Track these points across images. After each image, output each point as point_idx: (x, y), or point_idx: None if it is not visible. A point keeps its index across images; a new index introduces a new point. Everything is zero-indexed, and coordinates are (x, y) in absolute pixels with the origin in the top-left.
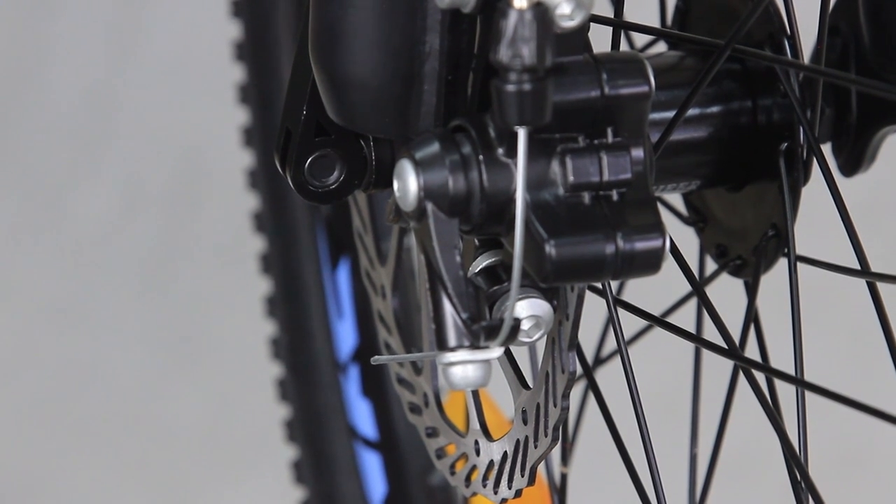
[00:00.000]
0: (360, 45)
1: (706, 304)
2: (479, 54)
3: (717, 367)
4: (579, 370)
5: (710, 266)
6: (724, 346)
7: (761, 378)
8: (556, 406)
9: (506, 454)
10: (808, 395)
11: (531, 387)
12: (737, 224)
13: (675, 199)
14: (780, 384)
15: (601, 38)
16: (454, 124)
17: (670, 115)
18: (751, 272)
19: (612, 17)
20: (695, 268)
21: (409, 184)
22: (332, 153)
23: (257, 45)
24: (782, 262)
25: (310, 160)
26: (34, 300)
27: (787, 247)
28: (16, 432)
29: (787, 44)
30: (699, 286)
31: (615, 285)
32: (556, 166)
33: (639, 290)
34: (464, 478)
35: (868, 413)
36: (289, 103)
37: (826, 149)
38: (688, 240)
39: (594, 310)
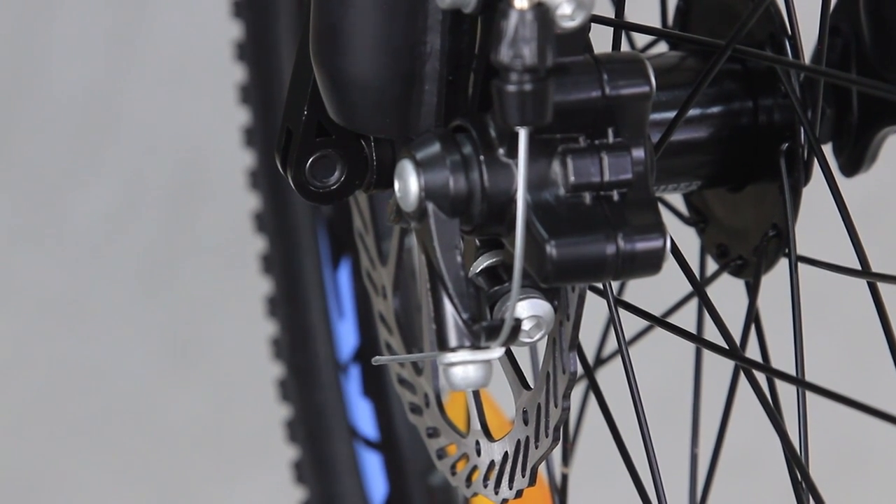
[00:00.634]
0: (361, 46)
1: (707, 305)
2: (480, 54)
3: (718, 368)
4: (580, 370)
5: (711, 266)
6: (725, 347)
7: (762, 378)
8: (556, 406)
9: (507, 454)
10: (809, 395)
11: (532, 387)
12: (737, 224)
13: (676, 200)
14: (780, 384)
15: (602, 39)
16: (455, 124)
17: (671, 115)
18: (751, 272)
19: (612, 17)
20: (695, 268)
21: (409, 184)
22: (333, 153)
23: (258, 45)
24: (783, 263)
25: (311, 160)
26: (34, 300)
27: (787, 247)
28: (16, 432)
29: (787, 44)
30: (700, 286)
31: (616, 285)
32: (556, 166)
33: (639, 290)
34: (464, 478)
35: (868, 413)
36: (290, 103)
37: (827, 149)
38: (688, 240)
39: (595, 310)
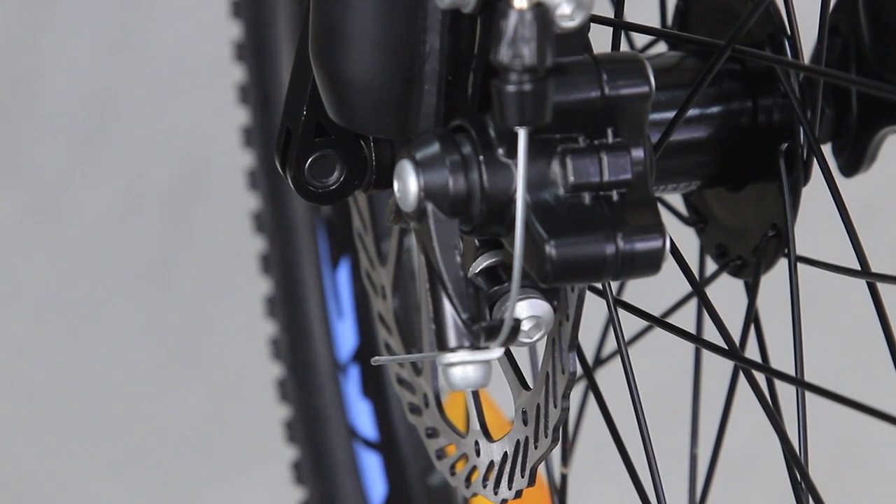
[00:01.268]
0: (361, 46)
1: (706, 305)
2: (480, 54)
3: (718, 368)
4: (579, 371)
5: (711, 266)
6: (725, 347)
7: (761, 378)
8: (556, 407)
9: (506, 455)
10: (808, 395)
11: (531, 387)
12: (737, 224)
13: (676, 200)
14: (780, 384)
15: (601, 39)
16: (454, 124)
17: (670, 115)
18: (751, 272)
19: (612, 17)
20: (695, 268)
21: (409, 184)
22: (332, 153)
23: (257, 45)
24: (782, 263)
25: (310, 160)
26: (34, 300)
27: (787, 247)
28: (16, 432)
29: (787, 44)
30: (699, 286)
31: (615, 286)
32: (556, 167)
33: (639, 290)
34: (464, 478)
35: (868, 413)
36: (289, 103)
37: (826, 149)
38: (688, 240)
39: (594, 310)
